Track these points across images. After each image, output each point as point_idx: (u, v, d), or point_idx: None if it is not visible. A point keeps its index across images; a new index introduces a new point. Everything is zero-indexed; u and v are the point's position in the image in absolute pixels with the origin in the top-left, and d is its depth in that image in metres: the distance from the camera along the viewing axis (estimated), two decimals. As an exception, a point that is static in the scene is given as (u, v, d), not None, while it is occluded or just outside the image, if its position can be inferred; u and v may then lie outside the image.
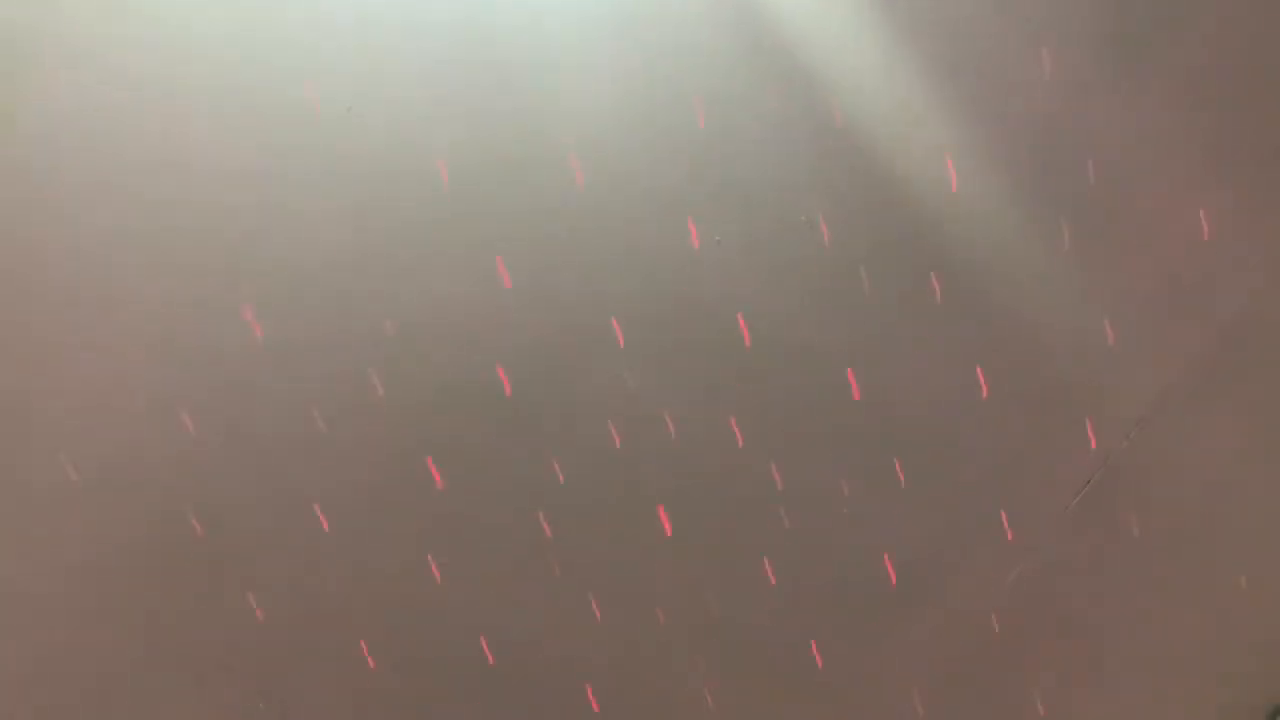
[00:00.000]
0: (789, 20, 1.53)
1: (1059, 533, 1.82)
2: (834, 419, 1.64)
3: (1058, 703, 1.98)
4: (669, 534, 1.64)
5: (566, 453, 1.61)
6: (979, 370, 1.67)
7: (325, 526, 1.60)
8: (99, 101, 1.47)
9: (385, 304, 1.56)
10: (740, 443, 1.62)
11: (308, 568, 1.61)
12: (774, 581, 1.69)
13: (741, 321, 1.59)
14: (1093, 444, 1.76)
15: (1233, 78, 1.64)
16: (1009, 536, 1.75)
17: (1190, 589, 1.92)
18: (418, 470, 1.61)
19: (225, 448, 1.57)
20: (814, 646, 1.77)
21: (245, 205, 1.51)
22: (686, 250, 1.56)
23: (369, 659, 1.71)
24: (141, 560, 1.59)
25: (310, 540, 1.60)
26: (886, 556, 1.73)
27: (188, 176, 1.50)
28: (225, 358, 1.54)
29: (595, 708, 1.75)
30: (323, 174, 1.51)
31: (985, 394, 1.68)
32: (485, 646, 1.73)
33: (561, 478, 1.61)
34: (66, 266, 1.52)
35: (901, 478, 1.67)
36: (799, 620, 1.74)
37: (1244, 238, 1.70)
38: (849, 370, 1.63)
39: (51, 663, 1.65)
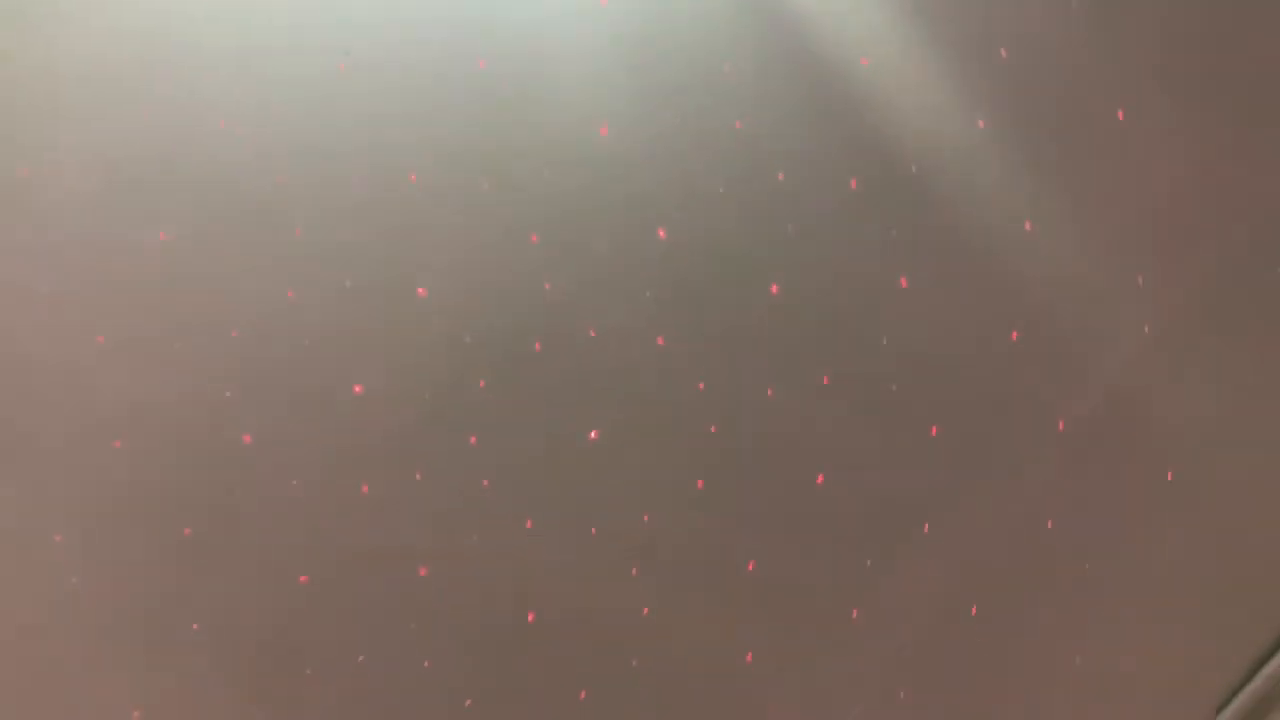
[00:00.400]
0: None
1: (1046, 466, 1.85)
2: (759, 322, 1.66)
3: (1044, 637, 2.03)
4: (594, 438, 1.67)
5: (491, 365, 1.62)
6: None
7: (248, 440, 1.61)
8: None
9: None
10: (661, 342, 1.63)
11: (228, 483, 1.63)
12: (701, 485, 1.72)
13: (661, 233, 1.60)
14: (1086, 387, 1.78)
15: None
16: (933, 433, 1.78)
17: (1187, 521, 1.93)
18: (340, 390, 1.63)
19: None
20: (747, 556, 1.81)
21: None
22: (603, 146, 1.57)
23: (302, 578, 1.73)
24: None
25: (231, 453, 1.62)
26: (818, 466, 1.76)
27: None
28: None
29: (530, 619, 1.78)
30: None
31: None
32: (422, 569, 1.76)
33: (482, 383, 1.62)
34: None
35: (826, 380, 1.69)
36: (730, 528, 1.77)
37: (1226, 182, 1.71)
38: (773, 279, 1.65)
39: None
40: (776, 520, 1.76)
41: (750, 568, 1.78)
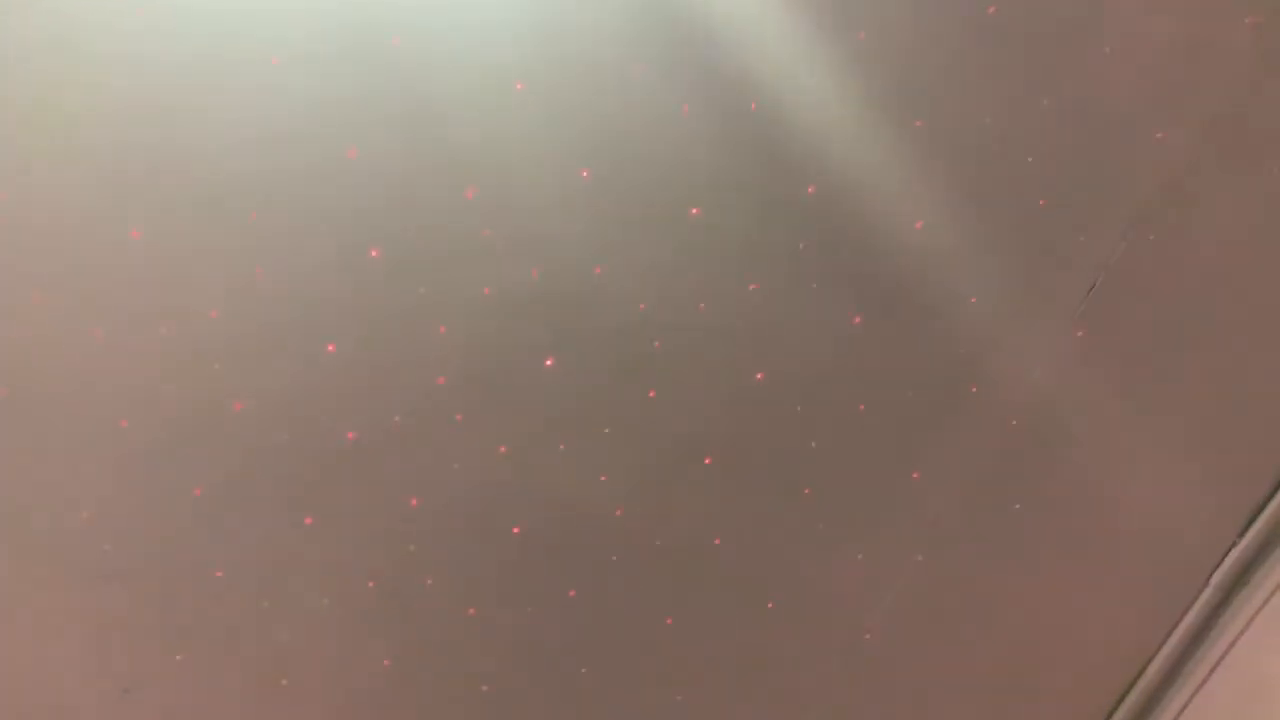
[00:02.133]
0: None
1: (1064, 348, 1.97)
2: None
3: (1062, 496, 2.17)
4: (549, 365, 1.82)
5: (447, 307, 1.77)
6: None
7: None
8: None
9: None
10: (598, 272, 1.76)
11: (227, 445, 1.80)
12: (653, 395, 1.87)
13: (585, 174, 1.72)
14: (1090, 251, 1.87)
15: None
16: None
17: (1196, 376, 2.05)
18: (315, 336, 1.78)
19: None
20: (705, 452, 1.96)
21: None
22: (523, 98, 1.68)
23: (307, 519, 1.91)
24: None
25: (226, 419, 1.79)
26: (759, 370, 1.90)
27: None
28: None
29: (516, 531, 1.97)
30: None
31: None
32: (413, 501, 1.93)
33: (443, 329, 1.77)
34: None
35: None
36: (683, 430, 1.93)
37: (1227, 35, 1.75)
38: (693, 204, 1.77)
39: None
40: (724, 417, 1.92)
41: (707, 461, 1.95)
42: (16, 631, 2.06)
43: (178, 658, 2.09)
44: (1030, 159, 1.77)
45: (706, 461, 1.94)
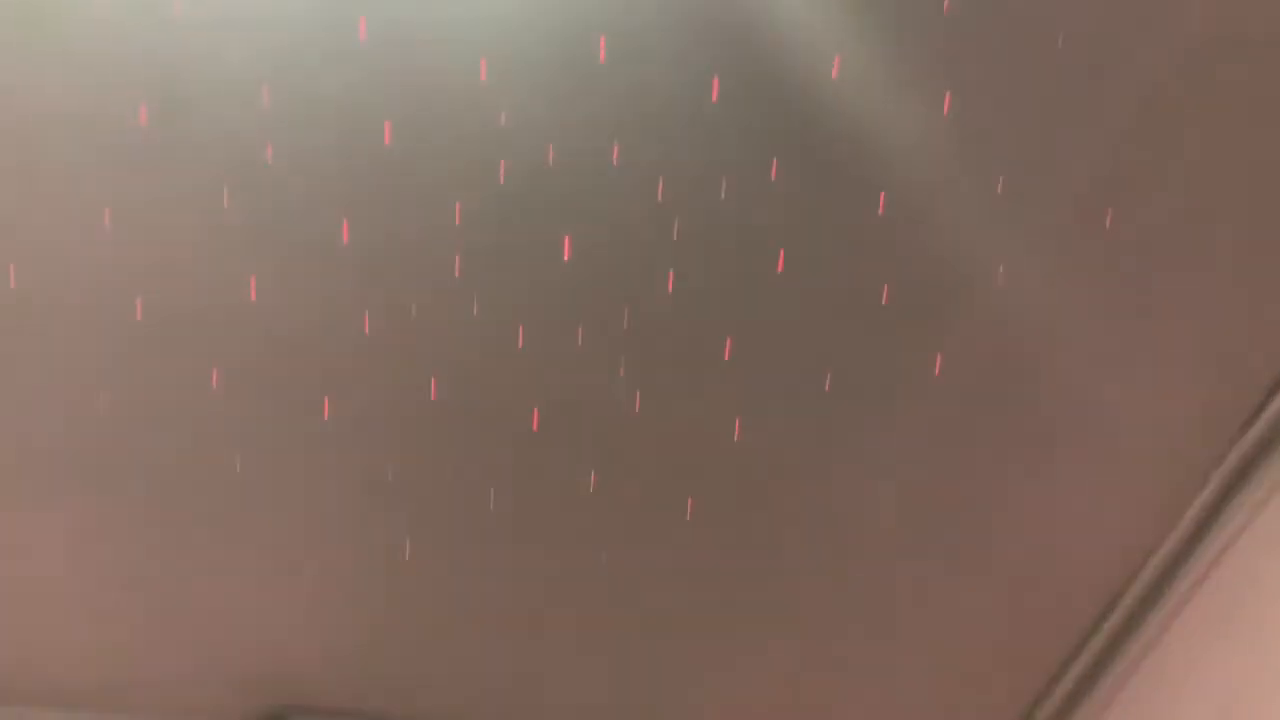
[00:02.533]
0: None
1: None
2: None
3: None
4: (568, 259, 1.80)
5: (464, 194, 1.74)
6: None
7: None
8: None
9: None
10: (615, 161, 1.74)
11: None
12: (671, 289, 1.86)
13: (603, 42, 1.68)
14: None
15: None
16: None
17: (1199, 276, 2.00)
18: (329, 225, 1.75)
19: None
20: (726, 340, 1.96)
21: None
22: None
23: (326, 411, 1.91)
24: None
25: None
26: (780, 250, 1.89)
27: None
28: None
29: (535, 428, 1.97)
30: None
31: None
32: (433, 385, 1.92)
33: (458, 219, 1.75)
34: None
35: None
36: (703, 318, 1.93)
37: None
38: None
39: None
40: (743, 307, 1.91)
41: (726, 356, 1.95)
42: (23, 531, 2.04)
43: (191, 552, 2.09)
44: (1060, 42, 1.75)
45: (726, 357, 1.93)
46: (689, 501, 2.14)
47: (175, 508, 2.04)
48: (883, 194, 1.84)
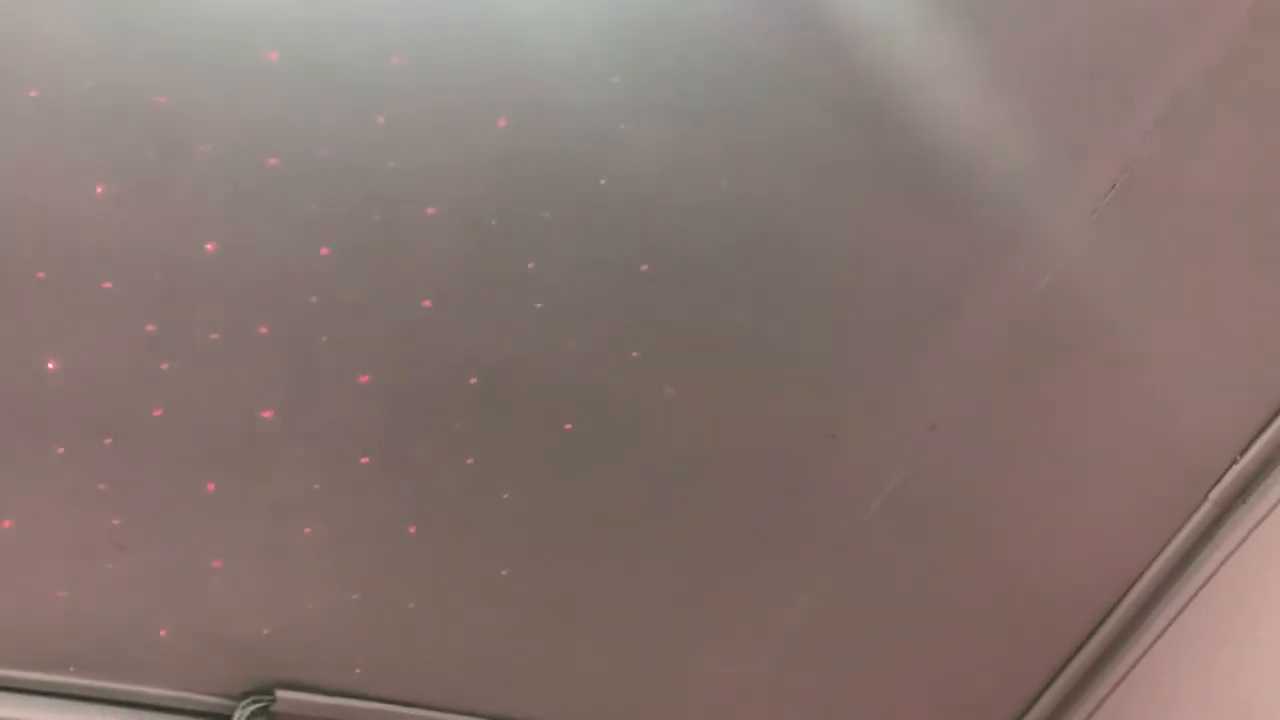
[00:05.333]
0: None
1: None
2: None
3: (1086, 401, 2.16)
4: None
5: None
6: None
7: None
8: None
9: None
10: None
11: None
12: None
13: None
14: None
15: None
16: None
17: (1205, 290, 2.03)
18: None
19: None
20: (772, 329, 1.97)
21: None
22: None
23: (361, 377, 1.89)
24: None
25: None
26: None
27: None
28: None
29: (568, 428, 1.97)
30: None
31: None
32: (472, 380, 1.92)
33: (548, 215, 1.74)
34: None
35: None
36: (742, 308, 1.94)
37: None
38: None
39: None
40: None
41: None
42: (7, 495, 1.99)
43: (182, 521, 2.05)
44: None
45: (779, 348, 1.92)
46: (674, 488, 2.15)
47: (167, 475, 2.00)
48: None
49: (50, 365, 1.81)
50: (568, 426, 2.02)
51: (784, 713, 2.59)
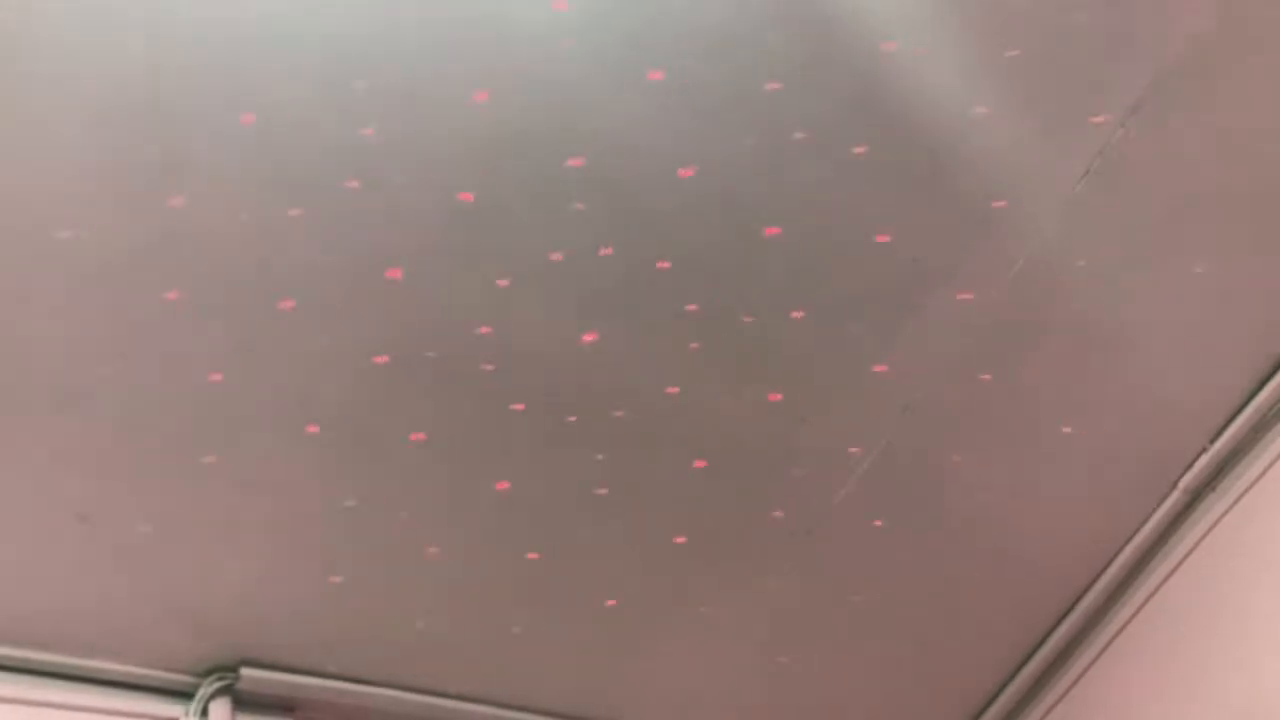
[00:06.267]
0: None
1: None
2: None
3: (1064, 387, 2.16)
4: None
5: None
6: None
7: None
8: None
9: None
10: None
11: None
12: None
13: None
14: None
15: None
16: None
17: (1194, 263, 2.01)
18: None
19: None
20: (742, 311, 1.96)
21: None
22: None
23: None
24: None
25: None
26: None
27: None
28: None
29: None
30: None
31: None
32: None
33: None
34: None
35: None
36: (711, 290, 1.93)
37: None
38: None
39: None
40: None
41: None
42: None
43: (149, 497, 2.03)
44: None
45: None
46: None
47: (135, 448, 1.98)
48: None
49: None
50: (519, 406, 2.01)
51: (753, 695, 2.59)
